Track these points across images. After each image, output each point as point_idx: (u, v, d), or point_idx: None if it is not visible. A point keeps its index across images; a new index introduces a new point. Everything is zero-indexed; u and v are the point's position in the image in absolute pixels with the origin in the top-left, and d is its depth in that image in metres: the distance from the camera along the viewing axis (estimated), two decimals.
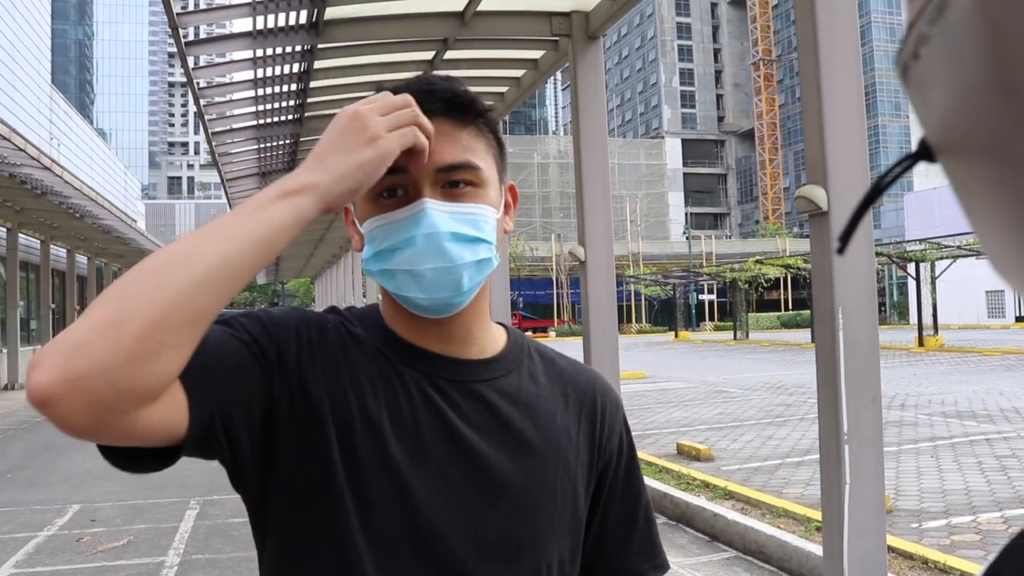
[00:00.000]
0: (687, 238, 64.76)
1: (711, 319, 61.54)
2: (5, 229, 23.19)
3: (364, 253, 1.11)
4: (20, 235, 23.66)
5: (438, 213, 1.05)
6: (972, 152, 0.33)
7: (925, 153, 0.38)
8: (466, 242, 1.07)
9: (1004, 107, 0.30)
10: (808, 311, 43.74)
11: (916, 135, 0.39)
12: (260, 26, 7.64)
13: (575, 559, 1.19)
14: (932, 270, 32.93)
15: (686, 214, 79.84)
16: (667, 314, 57.66)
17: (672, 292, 52.22)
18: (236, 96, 9.97)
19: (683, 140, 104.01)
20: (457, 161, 1.08)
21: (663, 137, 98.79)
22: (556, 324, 57.53)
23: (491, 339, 1.17)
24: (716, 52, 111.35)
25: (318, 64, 8.89)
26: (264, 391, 1.03)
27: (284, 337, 1.06)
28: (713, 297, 62.49)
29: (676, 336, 48.10)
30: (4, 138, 14.52)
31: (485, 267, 1.09)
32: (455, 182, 1.08)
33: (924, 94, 0.36)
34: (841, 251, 0.49)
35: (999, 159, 0.31)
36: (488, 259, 1.10)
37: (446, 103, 1.08)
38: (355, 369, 1.09)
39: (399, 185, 1.07)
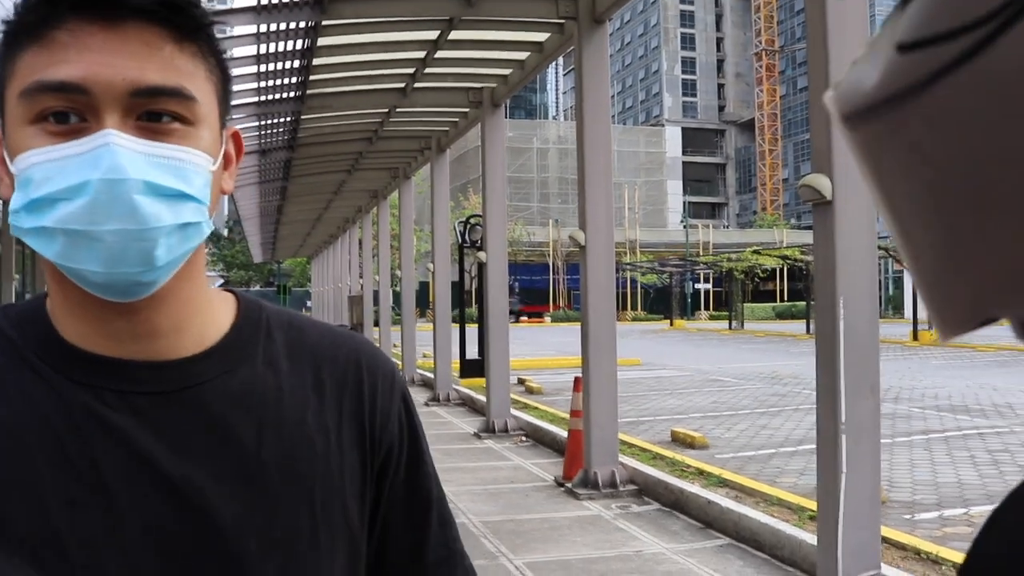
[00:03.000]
0: (685, 227, 64.73)
1: (706, 308, 61.62)
2: (0, 201, 23.14)
3: (13, 202, 0.78)
4: None
5: (128, 152, 0.75)
6: None
7: None
8: (167, 197, 0.77)
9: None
10: (803, 303, 43.80)
11: None
12: (264, 1, 7.59)
13: None
14: None
15: (684, 203, 79.70)
16: (663, 302, 57.71)
17: (668, 280, 52.25)
18: (237, 72, 9.91)
19: (683, 129, 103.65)
20: (164, 84, 0.77)
21: (663, 125, 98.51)
22: (552, 310, 57.60)
23: (213, 323, 0.87)
24: (719, 41, 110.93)
25: (322, 41, 8.85)
26: None
27: None
28: (709, 286, 62.52)
29: (671, 324, 48.17)
30: None
31: (193, 234, 0.80)
32: (157, 114, 0.78)
33: None
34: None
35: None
36: (198, 224, 0.80)
37: (158, 1, 0.77)
38: None
39: (72, 108, 0.75)
